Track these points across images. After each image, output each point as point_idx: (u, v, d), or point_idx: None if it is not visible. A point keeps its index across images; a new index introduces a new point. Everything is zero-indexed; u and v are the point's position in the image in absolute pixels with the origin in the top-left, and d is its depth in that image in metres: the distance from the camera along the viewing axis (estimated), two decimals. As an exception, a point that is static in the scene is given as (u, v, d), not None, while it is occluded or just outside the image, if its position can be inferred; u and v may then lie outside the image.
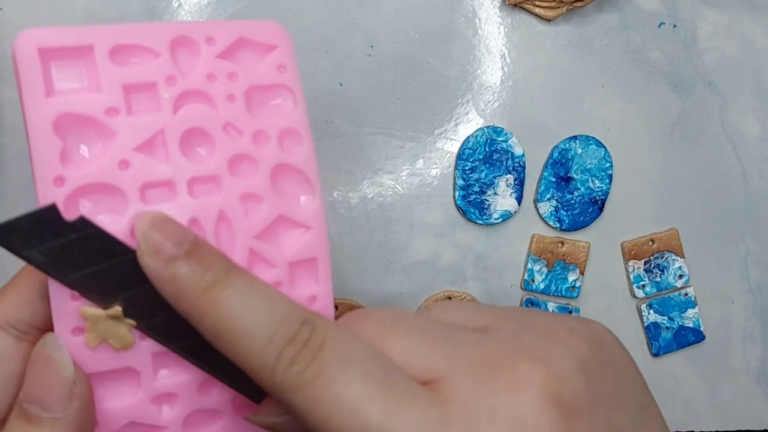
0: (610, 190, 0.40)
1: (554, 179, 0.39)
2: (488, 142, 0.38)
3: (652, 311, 0.41)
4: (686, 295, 0.41)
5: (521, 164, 0.39)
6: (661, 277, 0.41)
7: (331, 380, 0.18)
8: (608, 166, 0.40)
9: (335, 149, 0.37)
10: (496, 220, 0.39)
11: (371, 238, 0.38)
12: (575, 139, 0.39)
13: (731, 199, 0.42)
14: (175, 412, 0.22)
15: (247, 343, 0.19)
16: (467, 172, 0.38)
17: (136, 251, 0.20)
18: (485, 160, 0.38)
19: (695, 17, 0.41)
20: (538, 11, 0.38)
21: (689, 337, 0.41)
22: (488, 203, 0.38)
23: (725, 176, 0.42)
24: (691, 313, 0.41)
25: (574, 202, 0.39)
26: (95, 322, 0.20)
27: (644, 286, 0.41)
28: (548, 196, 0.39)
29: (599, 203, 0.40)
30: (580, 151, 0.39)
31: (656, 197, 0.41)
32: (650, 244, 0.41)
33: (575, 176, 0.39)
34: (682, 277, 0.41)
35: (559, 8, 0.38)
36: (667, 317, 0.41)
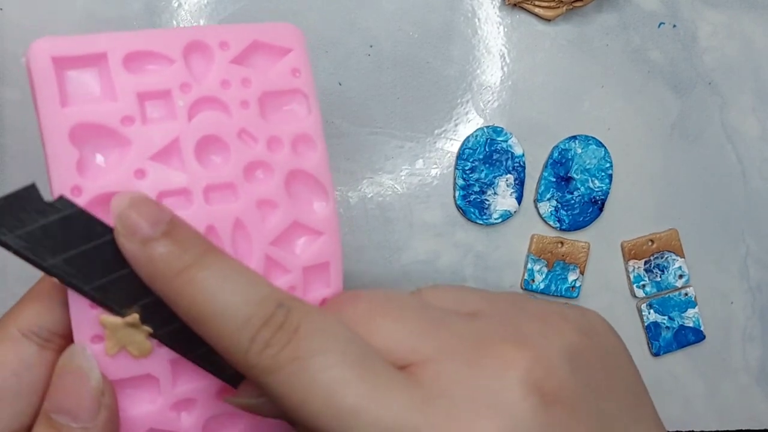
0: (609, 190, 0.40)
1: (554, 179, 0.39)
2: (488, 141, 0.38)
3: (652, 311, 0.41)
4: (686, 294, 0.41)
5: (521, 164, 0.39)
6: (661, 276, 0.41)
7: (305, 363, 0.18)
8: (608, 166, 0.40)
9: (335, 149, 0.37)
10: (496, 220, 0.39)
11: (371, 237, 0.38)
12: (575, 139, 0.39)
13: (731, 198, 0.42)
14: (194, 417, 0.22)
15: (222, 324, 0.18)
16: (467, 171, 0.38)
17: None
18: (485, 159, 0.38)
19: (695, 17, 0.41)
20: (537, 11, 0.38)
21: (689, 336, 0.41)
22: (488, 203, 0.38)
23: (725, 176, 0.42)
24: (691, 312, 0.41)
25: (574, 202, 0.39)
26: (114, 330, 0.20)
27: (644, 285, 0.41)
28: (548, 196, 0.39)
29: (599, 203, 0.40)
30: (579, 151, 0.39)
31: (656, 197, 0.41)
32: (650, 244, 0.41)
33: (575, 176, 0.39)
34: (682, 276, 0.41)
35: (558, 8, 0.38)
36: (667, 317, 0.41)
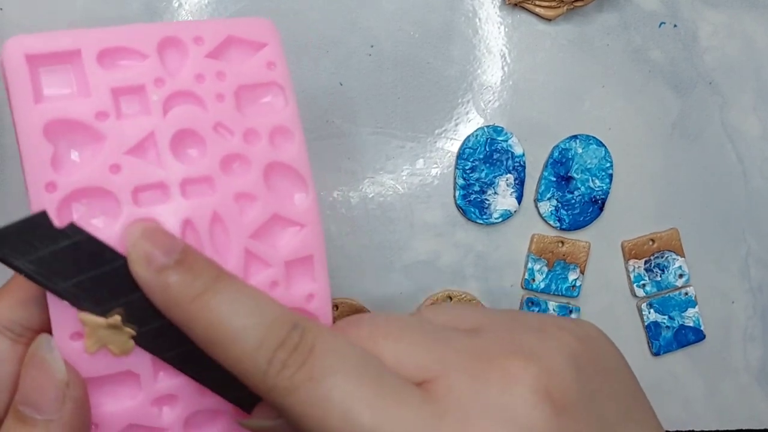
0: (610, 189, 0.40)
1: (554, 179, 0.39)
2: (488, 141, 0.38)
3: (652, 310, 0.41)
4: (686, 294, 0.41)
5: (521, 164, 0.39)
6: (661, 276, 0.41)
7: (322, 383, 0.18)
8: (608, 165, 0.40)
9: (336, 149, 0.37)
10: (496, 219, 0.39)
11: (371, 237, 0.38)
12: (575, 138, 0.39)
13: (732, 198, 0.42)
14: (176, 413, 0.22)
15: (238, 348, 0.19)
16: (467, 171, 0.38)
17: (126, 258, 0.20)
18: (485, 159, 0.38)
19: (695, 17, 0.41)
20: (538, 11, 0.38)
21: (689, 336, 0.41)
22: (488, 203, 0.38)
23: (726, 175, 0.42)
24: (691, 312, 0.41)
25: (574, 201, 0.39)
26: (94, 328, 0.20)
27: (644, 285, 0.41)
28: (548, 195, 0.39)
29: (599, 203, 0.40)
30: (580, 150, 0.39)
31: (656, 197, 0.41)
32: (650, 243, 0.41)
33: (575, 176, 0.39)
34: (682, 276, 0.41)
35: (559, 8, 0.38)
36: (667, 316, 0.41)
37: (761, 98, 0.42)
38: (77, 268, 0.19)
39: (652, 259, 0.41)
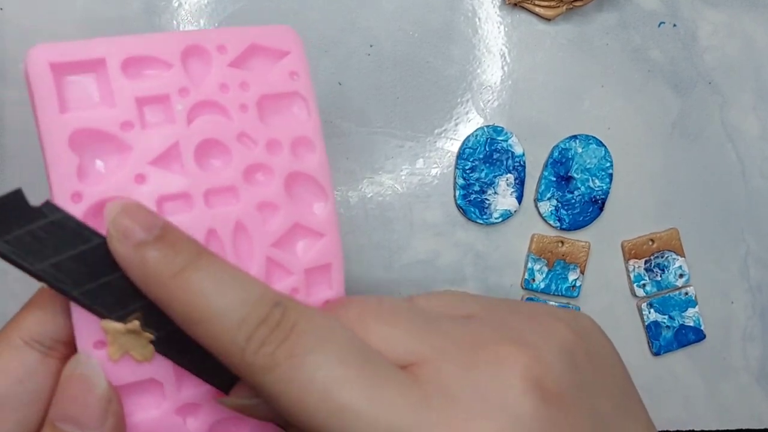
0: (610, 189, 0.40)
1: (554, 178, 0.39)
2: (488, 141, 0.38)
3: (652, 310, 0.41)
4: (687, 294, 0.41)
5: (521, 163, 0.39)
6: (661, 276, 0.41)
7: (302, 361, 0.18)
8: (608, 165, 0.40)
9: (335, 149, 0.37)
10: (496, 219, 0.39)
11: (370, 237, 0.38)
12: (575, 138, 0.39)
13: (731, 198, 0.42)
14: (199, 422, 0.22)
15: (218, 325, 0.18)
16: (467, 171, 0.38)
17: (105, 237, 0.19)
18: (485, 159, 0.38)
19: (695, 16, 0.41)
20: (538, 10, 0.38)
21: (690, 336, 0.41)
22: (488, 202, 0.38)
23: (725, 175, 0.42)
24: (691, 312, 0.41)
25: (574, 201, 0.39)
26: (116, 335, 0.20)
27: (645, 285, 0.41)
28: (548, 195, 0.39)
29: (599, 202, 0.40)
30: (580, 150, 0.39)
31: (656, 196, 0.41)
32: (650, 243, 0.41)
33: (575, 175, 0.39)
34: (682, 276, 0.41)
35: (558, 7, 0.38)
36: (667, 316, 0.41)
37: (761, 98, 0.42)
38: (54, 248, 0.19)
39: (652, 258, 0.41)
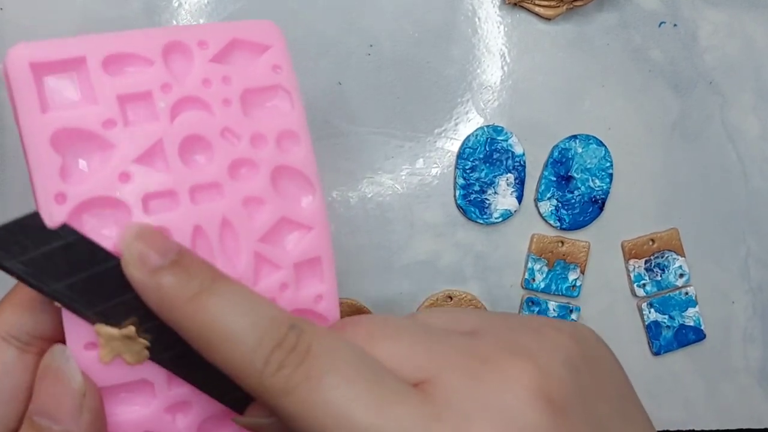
0: (610, 189, 0.40)
1: (554, 178, 0.39)
2: (488, 141, 0.38)
3: (652, 310, 0.41)
4: (687, 294, 0.41)
5: (521, 163, 0.39)
6: (661, 276, 0.41)
7: (319, 383, 0.18)
8: (608, 165, 0.40)
9: (335, 149, 0.37)
10: (496, 219, 0.39)
11: (370, 237, 0.38)
12: (575, 138, 0.39)
13: (732, 198, 0.42)
14: (189, 420, 0.22)
15: (234, 348, 0.19)
16: (467, 171, 0.38)
17: (120, 259, 0.20)
18: (485, 159, 0.38)
19: (696, 16, 0.41)
20: (538, 10, 0.38)
21: (690, 336, 0.41)
22: (489, 202, 0.38)
23: (726, 175, 0.42)
24: (691, 312, 0.41)
25: (574, 201, 0.39)
26: (109, 339, 0.20)
27: (645, 285, 0.41)
28: (548, 195, 0.39)
29: (599, 202, 0.40)
30: (580, 150, 0.39)
31: (656, 196, 0.41)
32: (650, 243, 0.41)
33: (575, 175, 0.39)
34: (682, 276, 0.41)
35: (559, 7, 0.38)
36: (667, 316, 0.41)
37: (761, 98, 0.42)
38: (69, 269, 0.19)
39: (652, 258, 0.41)
